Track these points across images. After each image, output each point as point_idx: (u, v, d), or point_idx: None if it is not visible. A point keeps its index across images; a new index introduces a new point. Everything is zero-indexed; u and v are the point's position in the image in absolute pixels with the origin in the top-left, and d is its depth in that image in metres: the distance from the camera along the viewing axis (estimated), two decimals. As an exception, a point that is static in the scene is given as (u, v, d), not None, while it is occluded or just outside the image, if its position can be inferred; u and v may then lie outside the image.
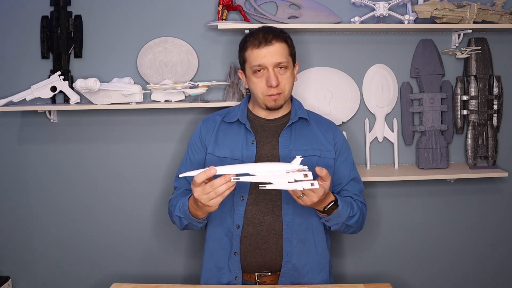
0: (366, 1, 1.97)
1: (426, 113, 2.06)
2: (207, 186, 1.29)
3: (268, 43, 1.52)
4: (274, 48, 1.52)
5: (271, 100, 1.56)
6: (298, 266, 1.57)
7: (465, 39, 2.06)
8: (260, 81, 1.55)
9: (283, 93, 1.56)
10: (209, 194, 1.30)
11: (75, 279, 2.15)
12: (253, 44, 1.54)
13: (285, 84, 1.56)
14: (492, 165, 2.10)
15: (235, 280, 1.56)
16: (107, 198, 2.12)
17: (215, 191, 1.29)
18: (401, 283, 2.18)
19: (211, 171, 1.28)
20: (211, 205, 1.32)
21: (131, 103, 1.90)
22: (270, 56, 1.52)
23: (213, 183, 1.29)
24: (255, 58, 1.53)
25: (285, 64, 1.54)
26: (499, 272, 2.23)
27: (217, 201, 1.31)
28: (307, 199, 1.36)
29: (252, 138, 1.60)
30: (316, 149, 1.61)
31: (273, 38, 1.53)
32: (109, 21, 2.02)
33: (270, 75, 1.52)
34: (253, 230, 1.56)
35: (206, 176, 1.29)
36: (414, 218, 2.17)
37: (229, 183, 1.28)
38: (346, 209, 1.49)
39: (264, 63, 1.52)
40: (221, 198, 1.31)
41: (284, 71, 1.55)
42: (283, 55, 1.54)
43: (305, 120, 1.65)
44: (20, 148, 2.09)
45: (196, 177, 1.30)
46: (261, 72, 1.54)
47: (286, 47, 1.56)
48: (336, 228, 1.54)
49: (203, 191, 1.30)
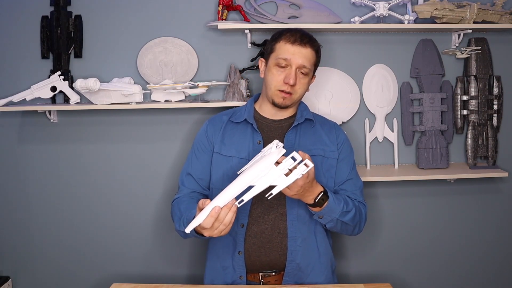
0: (366, 1, 1.97)
1: (426, 113, 2.06)
2: (215, 224, 1.30)
3: (302, 44, 1.57)
4: (305, 51, 1.57)
5: (280, 97, 1.58)
6: (302, 265, 1.57)
7: (465, 39, 2.06)
8: (279, 75, 1.57)
9: (294, 95, 1.59)
10: (219, 228, 1.31)
11: (75, 279, 2.15)
12: (288, 39, 1.57)
13: (299, 87, 1.59)
14: (492, 165, 2.10)
15: (240, 279, 1.57)
16: (107, 198, 2.12)
17: (224, 224, 1.30)
18: (401, 283, 2.18)
19: (216, 211, 1.28)
20: (224, 234, 1.33)
21: (131, 103, 1.90)
22: (299, 57, 1.56)
23: (219, 219, 1.29)
24: (285, 52, 1.56)
25: (307, 70, 1.58)
26: (499, 272, 2.23)
27: (228, 230, 1.32)
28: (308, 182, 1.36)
29: (259, 138, 1.61)
30: (320, 149, 1.62)
31: (308, 42, 1.58)
32: (109, 21, 2.02)
33: (291, 73, 1.56)
34: (257, 229, 1.56)
35: (214, 220, 1.29)
36: (414, 218, 2.17)
37: (233, 209, 1.29)
38: (338, 204, 1.48)
39: (291, 60, 1.56)
40: (230, 225, 1.32)
41: (304, 76, 1.59)
42: (309, 62, 1.58)
43: (310, 121, 1.67)
44: (20, 148, 2.09)
45: (204, 223, 1.29)
46: (284, 67, 1.57)
47: (315, 56, 1.61)
48: (332, 225, 1.53)
49: (212, 230, 1.31)
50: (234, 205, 1.29)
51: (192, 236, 1.47)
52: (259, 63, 1.69)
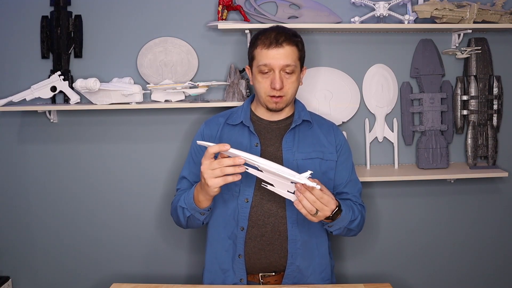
0: (366, 1, 1.97)
1: (426, 113, 2.06)
2: (215, 161, 1.30)
3: (278, 45, 1.51)
4: (283, 51, 1.51)
5: (272, 102, 1.56)
6: (302, 267, 1.57)
7: (465, 39, 2.06)
8: (265, 82, 1.54)
9: (286, 96, 1.56)
10: (215, 170, 1.30)
11: (75, 279, 2.15)
12: (264, 44, 1.53)
13: (288, 88, 1.55)
14: (492, 165, 2.10)
15: (240, 282, 1.56)
16: (106, 198, 2.12)
17: (221, 169, 1.30)
18: (401, 283, 2.18)
19: (225, 146, 1.29)
20: (212, 184, 1.32)
21: (131, 103, 1.90)
22: (278, 58, 1.51)
23: (221, 160, 1.30)
24: (263, 58, 1.52)
25: (292, 68, 1.53)
26: (499, 272, 2.23)
27: (217, 182, 1.31)
28: (321, 214, 1.36)
29: (256, 140, 1.59)
30: (319, 152, 1.61)
31: (284, 40, 1.52)
32: (109, 21, 2.02)
33: (276, 77, 1.52)
34: (257, 232, 1.55)
35: (219, 149, 1.30)
36: (414, 218, 2.17)
37: (236, 168, 1.29)
38: (348, 213, 1.48)
39: (271, 64, 1.52)
40: (222, 181, 1.31)
41: (290, 75, 1.54)
42: (291, 59, 1.53)
43: (308, 122, 1.65)
44: (20, 148, 2.09)
45: (210, 148, 1.31)
46: (267, 73, 1.54)
47: (296, 51, 1.55)
48: (338, 232, 1.53)
49: (210, 165, 1.31)
50: (239, 167, 1.29)
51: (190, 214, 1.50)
52: (246, 70, 1.65)
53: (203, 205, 1.46)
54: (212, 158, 1.32)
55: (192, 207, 1.48)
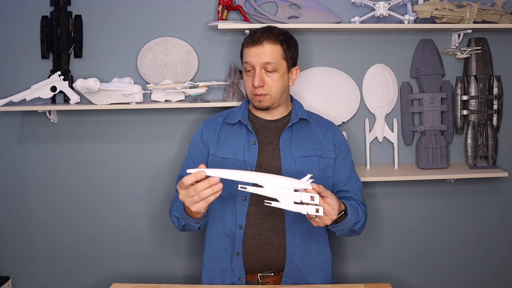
0: (366, 1, 1.97)
1: (426, 113, 2.06)
2: (190, 189, 1.27)
3: (259, 43, 1.54)
4: (263, 49, 1.54)
5: (257, 100, 1.58)
6: (301, 265, 1.57)
7: (465, 39, 2.06)
8: (249, 80, 1.58)
9: (270, 95, 1.56)
10: (193, 197, 1.27)
11: (75, 279, 2.15)
12: (247, 43, 1.57)
13: (271, 86, 1.56)
14: (492, 165, 2.10)
15: (239, 280, 1.56)
16: (107, 198, 2.12)
17: (199, 195, 1.26)
18: (401, 283, 2.18)
19: (200, 174, 1.25)
20: (196, 209, 1.29)
21: (131, 103, 1.90)
22: (258, 56, 1.54)
23: (196, 187, 1.26)
24: (245, 56, 1.57)
25: (273, 66, 1.54)
26: (499, 272, 2.23)
27: (200, 206, 1.28)
28: (319, 221, 1.34)
29: (254, 139, 1.60)
30: (317, 149, 1.61)
31: (265, 39, 1.54)
32: (109, 21, 2.02)
33: (255, 75, 1.54)
34: (255, 231, 1.55)
35: (194, 179, 1.26)
36: (414, 218, 2.17)
37: (213, 188, 1.25)
38: (353, 216, 1.48)
39: (251, 62, 1.55)
40: (204, 204, 1.28)
41: (272, 73, 1.55)
42: (272, 57, 1.54)
43: (305, 121, 1.65)
44: (20, 148, 2.09)
45: (184, 178, 1.27)
46: (250, 71, 1.57)
47: (279, 50, 1.55)
48: (342, 233, 1.53)
49: (187, 194, 1.28)
50: (216, 185, 1.25)
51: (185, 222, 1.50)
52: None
53: (196, 216, 1.45)
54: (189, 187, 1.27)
55: (185, 217, 1.48)
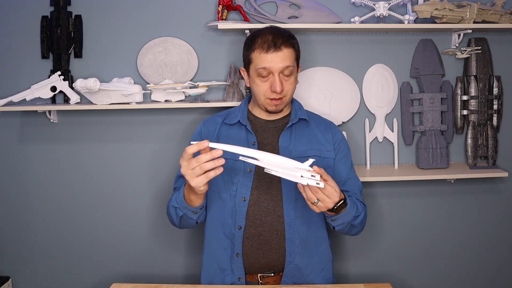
0: (366, 1, 1.97)
1: (426, 113, 2.06)
2: (192, 161, 1.26)
3: (277, 48, 1.50)
4: (282, 54, 1.51)
5: (272, 105, 1.56)
6: (301, 266, 1.57)
7: (465, 39, 2.06)
8: (264, 85, 1.54)
9: (285, 97, 1.56)
10: (195, 169, 1.26)
11: (75, 279, 2.15)
12: (262, 47, 1.51)
13: (288, 89, 1.56)
14: (492, 165, 2.10)
15: (239, 281, 1.56)
16: (107, 198, 2.12)
17: (200, 167, 1.26)
18: (401, 283, 2.18)
19: (203, 144, 1.25)
20: (196, 184, 1.28)
21: (131, 103, 1.90)
22: (278, 62, 1.51)
23: (198, 158, 1.26)
24: (262, 62, 1.51)
25: (291, 69, 1.53)
26: (499, 272, 2.23)
27: (200, 180, 1.28)
28: (322, 205, 1.34)
29: (254, 139, 1.60)
30: (316, 149, 1.61)
31: (282, 43, 1.51)
32: (109, 21, 2.02)
33: (276, 81, 1.51)
34: (255, 231, 1.55)
35: (197, 148, 1.26)
36: (414, 218, 2.17)
37: (215, 162, 1.25)
38: (352, 208, 1.47)
39: (271, 68, 1.51)
40: (205, 178, 1.27)
41: (289, 77, 1.55)
42: (290, 60, 1.53)
43: (305, 120, 1.65)
44: (20, 148, 2.09)
45: (187, 148, 1.26)
46: (266, 76, 1.53)
47: (293, 53, 1.55)
48: (341, 228, 1.52)
49: (188, 165, 1.27)
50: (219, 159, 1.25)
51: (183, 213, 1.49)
52: (241, 72, 1.64)
53: (195, 204, 1.45)
54: (191, 158, 1.28)
55: (184, 206, 1.47)
